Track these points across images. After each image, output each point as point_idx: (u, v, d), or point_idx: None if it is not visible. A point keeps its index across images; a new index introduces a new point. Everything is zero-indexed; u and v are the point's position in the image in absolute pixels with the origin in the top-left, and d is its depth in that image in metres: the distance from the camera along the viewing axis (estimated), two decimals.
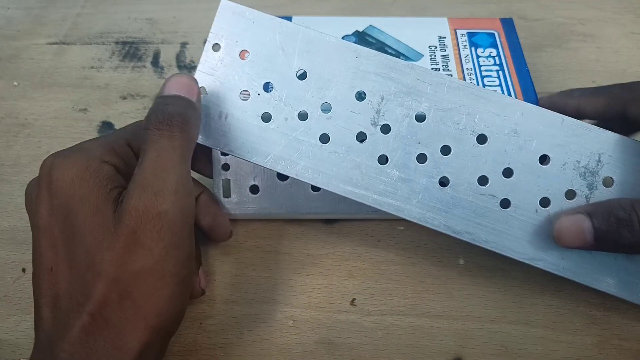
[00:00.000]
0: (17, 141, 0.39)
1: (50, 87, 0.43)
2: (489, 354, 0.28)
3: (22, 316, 0.30)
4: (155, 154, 0.24)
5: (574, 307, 0.30)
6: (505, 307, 0.30)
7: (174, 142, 0.24)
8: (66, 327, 0.22)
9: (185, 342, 0.29)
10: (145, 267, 0.23)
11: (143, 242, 0.23)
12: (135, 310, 0.23)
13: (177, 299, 0.24)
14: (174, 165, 0.24)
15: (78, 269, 0.23)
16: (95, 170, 0.24)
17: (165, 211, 0.23)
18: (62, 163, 0.24)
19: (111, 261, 0.22)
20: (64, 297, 0.23)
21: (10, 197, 0.36)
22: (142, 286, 0.23)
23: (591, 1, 0.49)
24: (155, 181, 0.23)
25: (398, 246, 0.33)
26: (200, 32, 0.48)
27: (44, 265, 0.24)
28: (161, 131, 0.24)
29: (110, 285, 0.22)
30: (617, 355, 0.28)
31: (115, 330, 0.22)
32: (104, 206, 0.23)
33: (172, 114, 0.24)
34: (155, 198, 0.23)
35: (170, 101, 0.25)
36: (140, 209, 0.23)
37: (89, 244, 0.23)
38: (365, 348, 0.29)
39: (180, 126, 0.24)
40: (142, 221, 0.23)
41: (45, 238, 0.24)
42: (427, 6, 0.49)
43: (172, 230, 0.23)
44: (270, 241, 0.33)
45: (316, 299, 0.30)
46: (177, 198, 0.23)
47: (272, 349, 0.29)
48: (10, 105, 0.42)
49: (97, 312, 0.22)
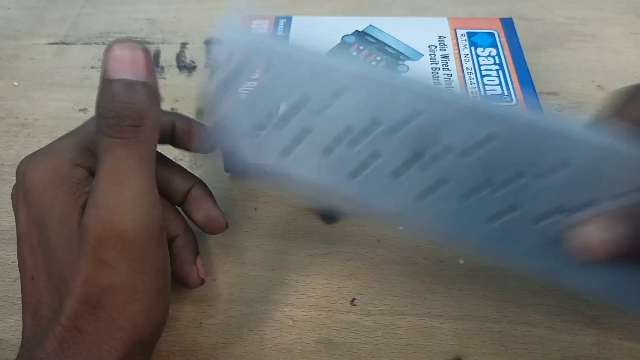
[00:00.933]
0: (17, 141, 0.39)
1: (51, 87, 0.43)
2: (489, 353, 0.28)
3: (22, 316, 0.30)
4: (109, 164, 0.21)
5: (574, 307, 0.30)
6: (505, 307, 0.30)
7: (128, 149, 0.21)
8: (44, 336, 0.22)
9: (185, 342, 0.29)
10: (113, 284, 0.22)
11: (107, 261, 0.21)
12: (110, 322, 0.22)
13: (154, 311, 0.23)
14: (130, 176, 0.21)
15: (53, 280, 0.23)
16: (65, 176, 0.23)
17: (124, 230, 0.21)
18: (34, 169, 0.24)
19: (79, 277, 0.22)
20: (44, 305, 0.23)
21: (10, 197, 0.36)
22: (113, 301, 0.22)
23: (591, 1, 0.49)
24: (110, 198, 0.21)
25: (398, 246, 0.33)
26: (200, 32, 0.48)
27: (25, 273, 0.23)
28: (112, 138, 0.21)
29: (80, 299, 0.22)
30: (617, 355, 0.28)
31: (91, 339, 0.22)
32: (71, 217, 0.22)
33: (120, 115, 0.21)
34: (112, 217, 0.21)
35: (117, 92, 0.21)
36: (97, 229, 0.21)
37: (59, 256, 0.22)
38: (365, 347, 0.29)
39: (133, 128, 0.21)
40: (101, 241, 0.21)
41: (26, 246, 0.24)
42: (427, 6, 0.49)
43: (136, 248, 0.22)
44: (270, 241, 0.33)
45: (316, 299, 0.30)
46: (138, 213, 0.21)
47: (272, 349, 0.29)
48: (11, 105, 0.42)
49: (69, 323, 0.21)
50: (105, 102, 0.21)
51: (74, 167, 0.24)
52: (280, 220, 0.34)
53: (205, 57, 0.46)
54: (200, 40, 0.47)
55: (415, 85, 0.22)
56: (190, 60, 0.45)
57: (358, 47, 0.37)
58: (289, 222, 0.34)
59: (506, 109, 0.22)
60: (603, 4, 0.48)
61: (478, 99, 0.29)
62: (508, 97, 0.33)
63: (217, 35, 0.22)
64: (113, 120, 0.21)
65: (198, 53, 0.46)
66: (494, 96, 0.33)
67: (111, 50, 0.21)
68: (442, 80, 0.34)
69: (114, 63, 0.21)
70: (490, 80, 0.34)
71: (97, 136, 0.21)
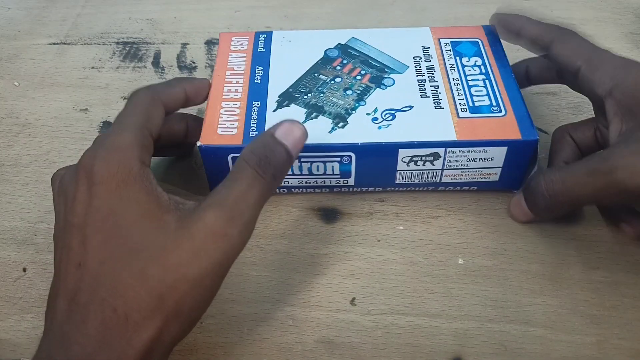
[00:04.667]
0: (17, 141, 0.39)
1: (51, 87, 0.43)
2: (488, 353, 0.28)
3: (22, 316, 0.30)
4: (246, 186, 0.25)
5: (574, 307, 0.30)
6: (505, 307, 0.30)
7: (261, 185, 0.25)
8: (84, 321, 0.22)
9: (185, 342, 0.29)
10: (188, 275, 0.23)
11: (198, 254, 0.23)
12: (160, 313, 0.23)
13: (197, 310, 0.24)
14: (254, 204, 0.25)
15: (112, 267, 0.23)
16: (138, 175, 0.25)
17: (232, 235, 0.24)
18: (104, 164, 0.25)
19: (156, 260, 0.23)
20: (84, 292, 0.23)
21: (10, 197, 0.36)
22: (175, 292, 0.23)
23: (591, 1, 0.49)
24: (235, 207, 0.24)
25: (398, 246, 0.33)
26: (200, 32, 0.48)
27: (72, 259, 0.24)
28: (258, 174, 0.25)
29: (147, 286, 0.23)
30: (616, 354, 0.28)
31: (133, 328, 0.22)
32: (156, 211, 0.24)
33: (273, 165, 0.26)
34: (229, 222, 0.24)
35: (277, 150, 0.26)
36: (209, 224, 0.24)
37: (134, 244, 0.23)
38: (365, 347, 0.29)
39: (274, 177, 0.26)
40: (209, 234, 0.24)
41: (78, 235, 0.24)
42: (426, 6, 0.49)
43: (227, 255, 0.24)
44: (270, 241, 0.33)
45: (316, 299, 0.31)
46: (246, 230, 0.25)
47: (272, 348, 0.29)
48: (11, 105, 0.42)
49: (121, 309, 0.23)
50: (265, 149, 0.26)
51: (142, 166, 0.26)
52: (280, 220, 0.34)
53: (205, 57, 0.46)
54: (201, 41, 0.47)
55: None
56: (191, 61, 0.45)
57: (342, 61, 0.36)
58: (289, 222, 0.34)
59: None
60: (603, 4, 0.48)
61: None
62: (497, 108, 0.32)
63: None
64: (264, 161, 0.26)
65: (198, 53, 0.46)
66: (482, 107, 0.32)
67: (286, 121, 0.27)
68: (429, 93, 0.33)
69: (288, 131, 0.27)
70: (477, 90, 0.34)
71: (242, 163, 0.26)
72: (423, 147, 0.31)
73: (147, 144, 0.27)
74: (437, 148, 0.31)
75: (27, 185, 0.37)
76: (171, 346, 0.25)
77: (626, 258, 0.31)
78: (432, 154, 0.32)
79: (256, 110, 0.33)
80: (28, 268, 0.32)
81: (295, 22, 0.48)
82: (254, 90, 0.34)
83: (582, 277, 0.31)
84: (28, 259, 0.33)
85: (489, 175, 0.33)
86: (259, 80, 0.35)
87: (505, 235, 0.33)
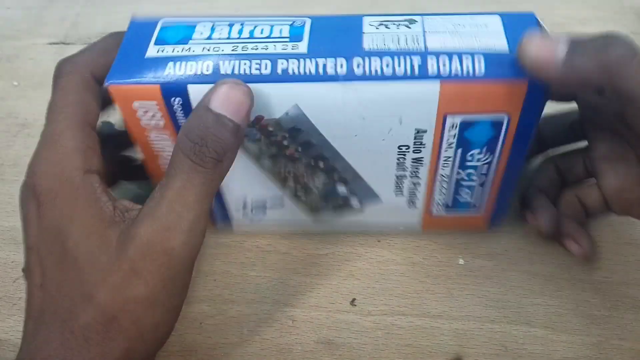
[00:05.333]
0: (16, 141, 0.39)
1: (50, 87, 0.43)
2: (489, 353, 0.28)
3: (22, 316, 0.30)
4: (182, 183, 0.22)
5: (574, 307, 0.30)
6: (505, 307, 0.30)
7: (204, 177, 0.22)
8: (46, 342, 0.22)
9: (185, 342, 0.29)
10: (138, 296, 0.22)
11: (140, 274, 0.22)
12: (119, 334, 0.22)
13: (163, 326, 0.24)
14: (196, 202, 0.22)
15: (67, 289, 0.23)
16: (80, 187, 0.23)
17: (172, 248, 0.22)
18: (45, 184, 0.23)
19: (105, 285, 0.22)
20: (47, 313, 0.23)
21: (10, 197, 0.36)
22: (130, 313, 0.22)
23: (591, 1, 0.49)
24: (170, 215, 0.22)
25: (398, 246, 0.32)
26: None
27: (34, 281, 0.23)
28: (195, 164, 0.22)
29: (98, 309, 0.22)
30: (617, 355, 0.28)
31: (95, 349, 0.22)
32: (99, 227, 0.23)
33: (212, 147, 0.22)
34: (166, 232, 0.22)
35: (212, 124, 0.22)
36: (145, 240, 0.22)
37: (81, 265, 0.22)
38: (365, 348, 0.29)
39: (216, 162, 0.22)
40: (145, 253, 0.22)
41: (34, 257, 0.23)
42: (427, 6, 0.49)
43: (174, 269, 0.22)
44: (270, 241, 0.33)
45: (316, 299, 0.30)
46: (189, 238, 0.22)
47: (272, 349, 0.29)
48: (10, 105, 0.42)
49: (79, 331, 0.22)
50: (199, 128, 0.22)
51: (85, 175, 0.23)
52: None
53: None
54: None
55: None
56: None
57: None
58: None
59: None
60: (603, 3, 0.48)
61: None
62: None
63: None
64: (200, 147, 0.22)
65: None
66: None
67: (223, 85, 0.22)
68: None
69: (222, 97, 0.22)
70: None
71: (176, 153, 0.22)
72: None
73: (90, 144, 0.24)
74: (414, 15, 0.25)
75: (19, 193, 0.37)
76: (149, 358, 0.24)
77: (627, 258, 0.31)
78: (408, 19, 0.25)
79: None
80: None
81: None
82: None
83: (583, 277, 0.31)
84: None
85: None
86: None
87: (506, 236, 0.33)
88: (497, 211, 0.30)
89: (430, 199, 0.29)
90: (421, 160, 0.27)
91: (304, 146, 0.27)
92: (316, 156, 0.27)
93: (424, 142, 0.26)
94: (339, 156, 0.27)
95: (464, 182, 0.28)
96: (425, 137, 0.25)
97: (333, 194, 0.29)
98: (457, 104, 0.24)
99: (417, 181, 0.28)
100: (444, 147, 0.26)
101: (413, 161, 0.27)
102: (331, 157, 0.27)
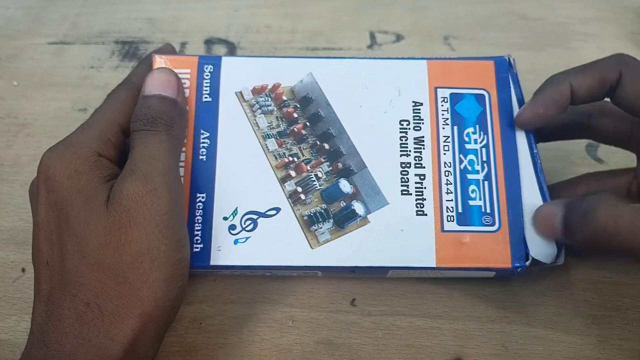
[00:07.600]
0: (16, 141, 0.39)
1: (50, 87, 0.43)
2: (489, 354, 0.28)
3: (22, 316, 0.30)
4: (143, 146, 0.25)
5: (574, 307, 0.30)
6: (505, 307, 0.30)
7: (159, 138, 0.25)
8: (59, 318, 0.22)
9: (185, 342, 0.29)
10: (140, 248, 0.23)
11: (136, 220, 0.23)
12: (132, 297, 0.23)
13: (173, 282, 0.24)
14: (161, 154, 0.24)
15: (71, 260, 0.23)
16: (92, 164, 0.25)
17: (154, 189, 0.23)
18: (58, 159, 0.25)
19: (106, 245, 0.23)
20: (56, 290, 0.23)
21: (10, 197, 0.36)
22: (138, 269, 0.23)
23: (592, 1, 0.48)
24: (143, 166, 0.24)
25: None
26: (200, 31, 0.48)
27: (40, 259, 0.24)
28: (147, 131, 0.25)
29: (106, 272, 0.23)
30: (617, 355, 0.28)
31: (109, 319, 0.22)
32: (99, 194, 0.24)
33: (155, 117, 0.25)
34: (145, 179, 0.24)
35: (152, 103, 0.26)
36: (130, 190, 0.23)
37: (81, 233, 0.23)
38: (365, 348, 0.29)
39: (165, 126, 0.25)
40: (133, 200, 0.23)
41: (42, 233, 0.24)
42: (427, 5, 0.49)
43: (163, 209, 0.24)
44: None
45: (316, 299, 0.30)
46: (165, 179, 0.24)
47: (272, 349, 0.29)
48: (10, 105, 0.42)
49: (92, 300, 0.22)
50: (142, 110, 0.26)
51: (99, 157, 0.25)
52: None
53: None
54: (200, 40, 0.47)
55: None
56: None
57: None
58: None
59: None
60: (604, 3, 0.48)
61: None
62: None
63: None
64: (147, 120, 0.25)
65: (198, 52, 0.46)
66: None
67: (153, 72, 0.27)
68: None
69: (154, 82, 0.26)
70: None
71: (132, 134, 0.25)
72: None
73: (112, 139, 0.26)
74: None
75: (26, 185, 0.36)
76: (158, 335, 0.24)
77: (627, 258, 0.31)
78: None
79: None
80: (27, 268, 0.32)
81: (295, 21, 0.48)
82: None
83: (583, 277, 0.31)
84: (27, 259, 0.33)
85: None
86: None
87: None
88: (514, 230, 0.27)
89: (438, 202, 0.27)
90: (422, 141, 0.28)
91: (312, 120, 0.29)
92: (322, 134, 0.29)
93: (422, 117, 0.29)
94: (344, 133, 0.29)
95: (468, 174, 0.28)
96: (422, 110, 0.29)
97: (336, 194, 0.28)
98: (443, 77, 0.30)
99: (422, 172, 0.28)
100: (440, 124, 0.29)
101: (415, 142, 0.29)
102: (337, 135, 0.29)
